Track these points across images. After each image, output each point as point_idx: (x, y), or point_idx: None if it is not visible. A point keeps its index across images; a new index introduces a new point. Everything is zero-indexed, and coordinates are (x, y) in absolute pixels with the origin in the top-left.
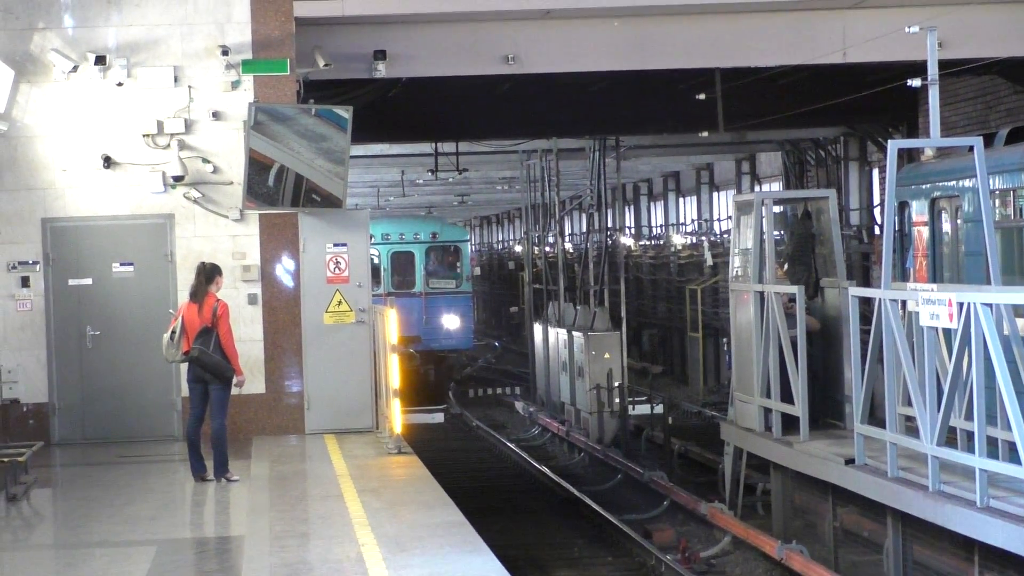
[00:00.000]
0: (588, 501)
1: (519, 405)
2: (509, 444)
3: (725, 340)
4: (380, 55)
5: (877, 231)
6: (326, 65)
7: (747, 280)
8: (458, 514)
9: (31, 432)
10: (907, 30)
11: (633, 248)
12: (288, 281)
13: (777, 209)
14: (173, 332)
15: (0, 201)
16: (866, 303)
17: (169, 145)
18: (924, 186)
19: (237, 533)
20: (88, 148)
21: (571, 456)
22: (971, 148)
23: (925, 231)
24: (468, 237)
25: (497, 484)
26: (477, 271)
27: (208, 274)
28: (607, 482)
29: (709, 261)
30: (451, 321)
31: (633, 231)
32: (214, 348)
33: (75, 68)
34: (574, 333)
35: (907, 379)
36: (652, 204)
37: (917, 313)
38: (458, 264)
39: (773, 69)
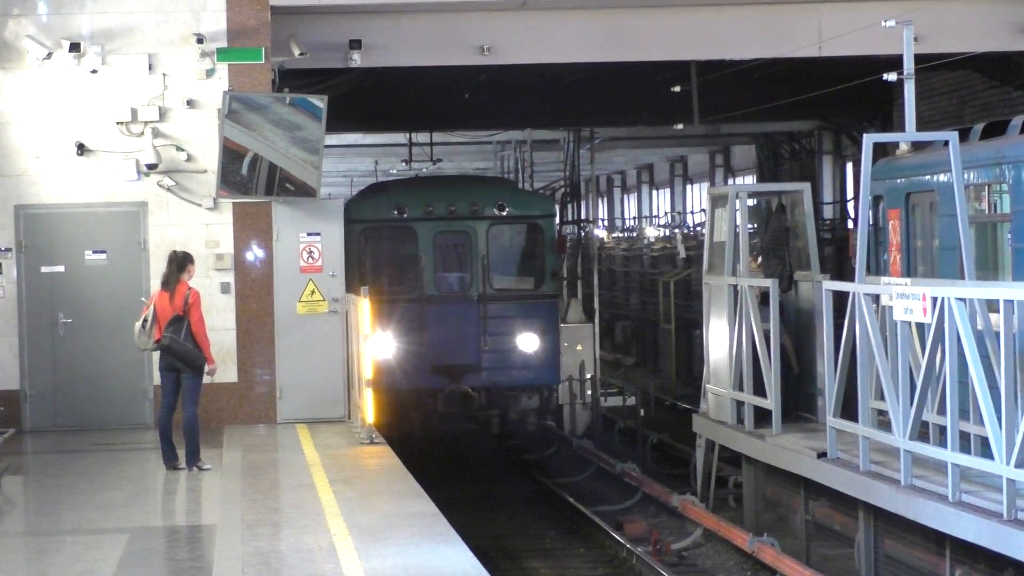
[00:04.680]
0: (560, 493)
1: None
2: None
3: (698, 332)
4: (355, 45)
5: (851, 225)
6: (301, 54)
7: (721, 273)
8: (430, 504)
9: (2, 420)
10: (883, 24)
11: (606, 240)
12: (261, 270)
13: (751, 202)
14: (145, 320)
15: None
16: (840, 297)
17: (143, 133)
18: (899, 180)
19: (209, 522)
20: (62, 135)
21: (543, 448)
22: (946, 143)
23: (899, 225)
24: (554, 211)
25: (469, 475)
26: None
27: (180, 262)
28: (579, 474)
29: (682, 253)
30: (528, 342)
31: (607, 223)
32: (185, 336)
33: (49, 55)
34: None
35: (880, 373)
36: (626, 196)
37: (891, 307)
38: (538, 251)
39: (749, 62)
